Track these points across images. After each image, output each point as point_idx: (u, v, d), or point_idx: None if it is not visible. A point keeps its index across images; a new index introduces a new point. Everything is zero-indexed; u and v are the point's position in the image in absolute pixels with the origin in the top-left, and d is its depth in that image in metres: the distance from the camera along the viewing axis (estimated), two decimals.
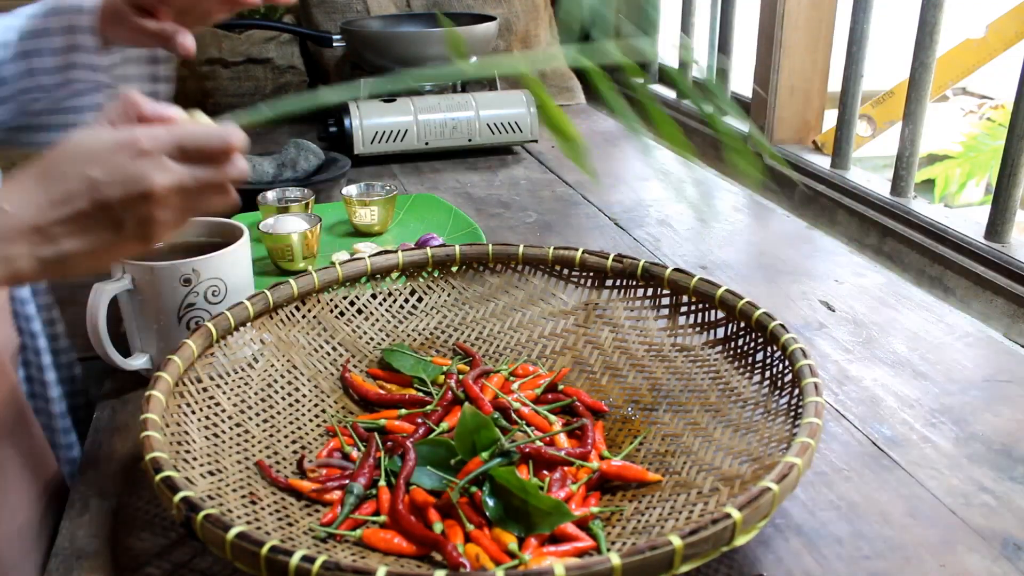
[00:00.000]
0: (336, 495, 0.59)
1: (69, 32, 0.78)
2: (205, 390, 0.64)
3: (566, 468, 0.61)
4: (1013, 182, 0.94)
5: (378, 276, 0.78)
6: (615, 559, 0.43)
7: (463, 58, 0.79)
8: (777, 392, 0.63)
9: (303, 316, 0.74)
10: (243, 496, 0.57)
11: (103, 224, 0.51)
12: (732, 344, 0.69)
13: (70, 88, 0.81)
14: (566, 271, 0.79)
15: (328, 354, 0.74)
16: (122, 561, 0.56)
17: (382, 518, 0.57)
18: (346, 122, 1.36)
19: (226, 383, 0.66)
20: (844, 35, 1.20)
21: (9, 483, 0.64)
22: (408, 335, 0.78)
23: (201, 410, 0.63)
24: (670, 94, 1.71)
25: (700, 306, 0.73)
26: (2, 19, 0.81)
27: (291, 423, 0.67)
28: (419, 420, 0.67)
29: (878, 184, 1.16)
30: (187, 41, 0.75)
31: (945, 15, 1.05)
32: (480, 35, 1.49)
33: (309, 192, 1.10)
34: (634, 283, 0.76)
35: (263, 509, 0.57)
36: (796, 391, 0.60)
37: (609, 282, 0.77)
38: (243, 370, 0.68)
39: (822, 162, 1.26)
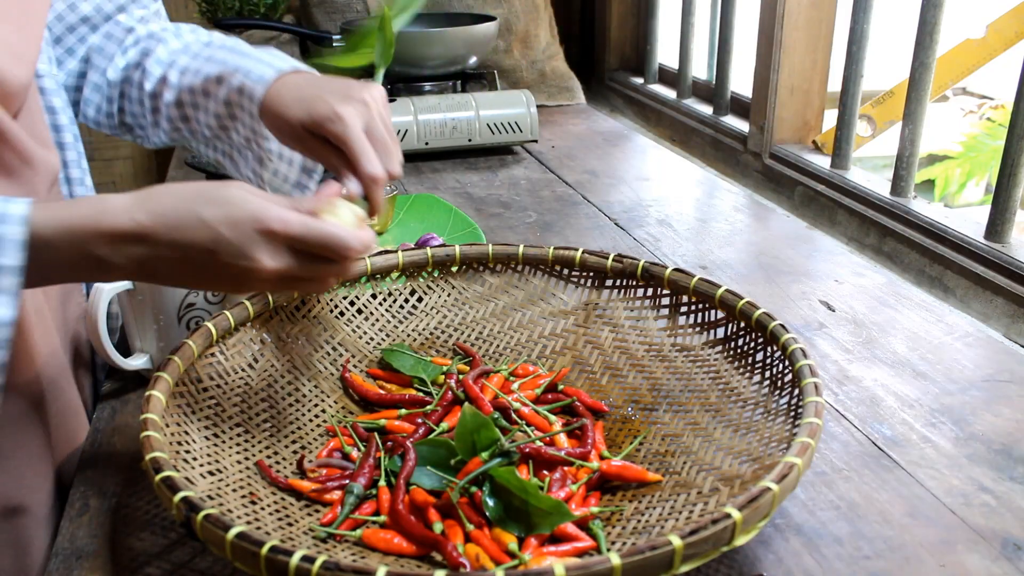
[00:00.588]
0: (336, 495, 0.59)
1: (236, 109, 0.77)
2: (205, 390, 0.64)
3: (566, 468, 0.61)
4: (1013, 182, 0.94)
5: (378, 276, 0.78)
6: (615, 559, 0.43)
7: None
8: (777, 392, 0.63)
9: (303, 316, 0.74)
10: (243, 496, 0.57)
11: (203, 269, 0.55)
12: (732, 344, 0.69)
13: (225, 140, 0.82)
14: (566, 271, 0.79)
15: (328, 354, 0.74)
16: (122, 561, 0.56)
17: (382, 518, 0.57)
18: None
19: (226, 383, 0.66)
20: (844, 35, 1.20)
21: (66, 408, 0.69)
22: (408, 335, 0.78)
23: (201, 410, 0.63)
24: (670, 94, 1.71)
25: (700, 306, 0.73)
26: (177, 42, 0.82)
27: (291, 423, 0.67)
28: (419, 420, 0.67)
29: (878, 184, 1.16)
30: (351, 186, 0.68)
31: (945, 15, 1.05)
32: (480, 35, 1.49)
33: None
34: (634, 283, 0.76)
35: (263, 509, 0.57)
36: (796, 391, 0.60)
37: (609, 282, 0.77)
38: (243, 370, 0.68)
39: (822, 162, 1.26)
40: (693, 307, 0.73)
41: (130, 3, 0.84)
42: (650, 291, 0.76)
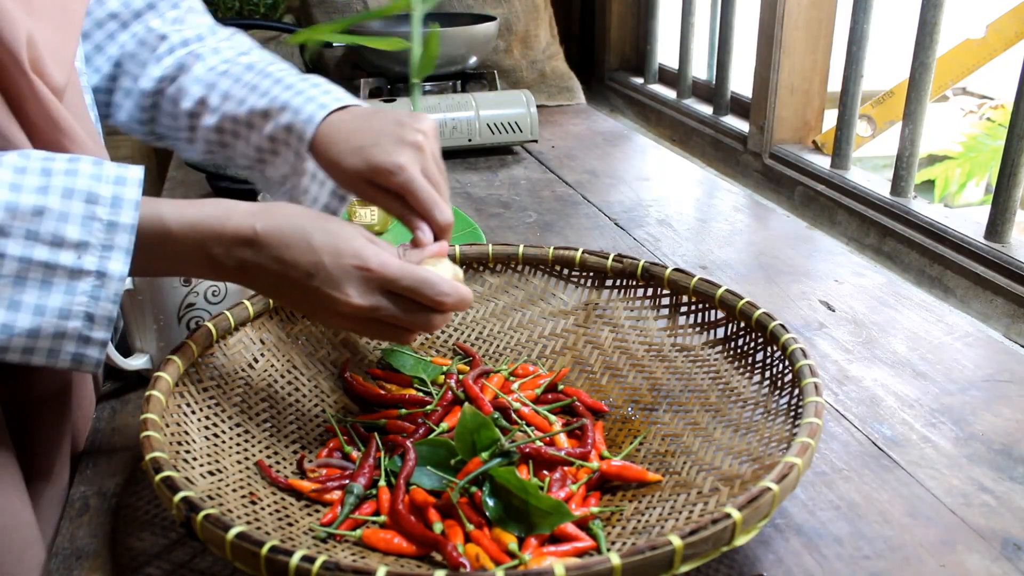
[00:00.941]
0: (336, 495, 0.59)
1: (281, 146, 0.75)
2: (205, 390, 0.64)
3: (566, 468, 0.61)
4: (1013, 182, 0.94)
5: None
6: (615, 559, 0.43)
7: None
8: (777, 392, 0.63)
9: (303, 316, 0.74)
10: (243, 496, 0.57)
11: (297, 288, 0.57)
12: (732, 344, 0.69)
13: (259, 170, 0.80)
14: (566, 271, 0.79)
15: (328, 354, 0.74)
16: (122, 561, 0.56)
17: (382, 518, 0.57)
18: None
19: (226, 383, 0.66)
20: (844, 35, 1.20)
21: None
22: None
23: (201, 410, 0.63)
24: (670, 94, 1.71)
25: (700, 306, 0.73)
26: (208, 60, 0.80)
27: (291, 423, 0.67)
28: (419, 420, 0.67)
29: (878, 184, 1.16)
30: (422, 235, 0.67)
31: (945, 15, 1.05)
32: (480, 35, 1.49)
33: None
34: (634, 283, 0.76)
35: (263, 509, 0.57)
36: (796, 391, 0.60)
37: (609, 282, 0.77)
38: (243, 370, 0.68)
39: (822, 162, 1.26)
40: (693, 307, 0.73)
41: (160, 0, 0.82)
42: (650, 291, 0.76)
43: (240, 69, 0.79)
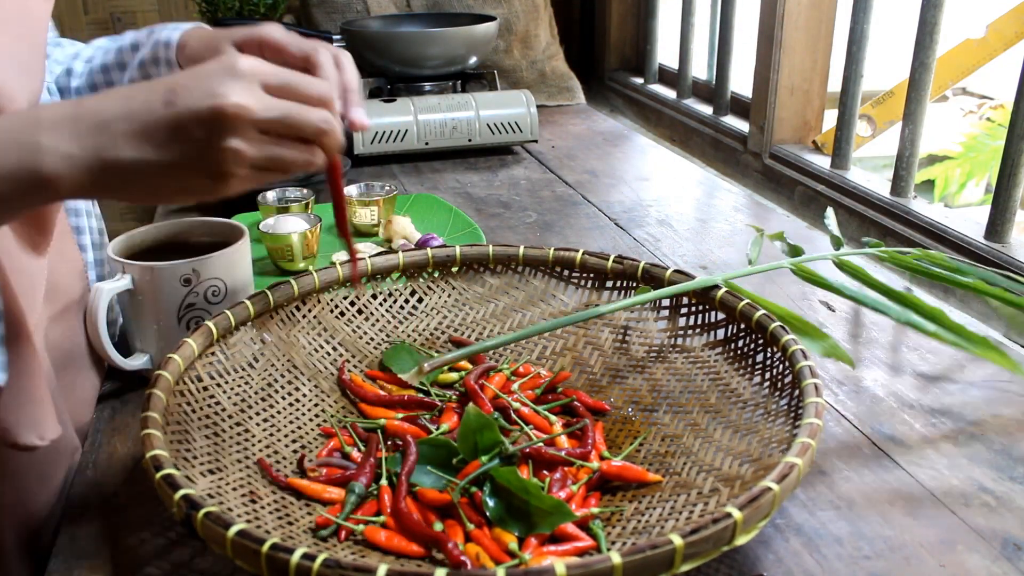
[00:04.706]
0: (336, 492, 0.59)
1: (151, 68, 0.78)
2: (206, 389, 0.64)
3: (566, 468, 0.61)
4: (1013, 182, 0.94)
5: (378, 276, 0.78)
6: (616, 558, 0.43)
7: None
8: (777, 393, 0.63)
9: (303, 316, 0.74)
10: (243, 495, 0.57)
11: (171, 136, 0.48)
12: (732, 345, 0.69)
13: None
14: (566, 272, 0.79)
15: (328, 354, 0.74)
16: (122, 561, 0.56)
17: (382, 518, 0.57)
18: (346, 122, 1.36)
19: (226, 382, 0.66)
20: (844, 35, 1.20)
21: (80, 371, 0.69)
22: (408, 336, 0.78)
23: (201, 409, 0.63)
24: (670, 94, 1.71)
25: (700, 307, 0.73)
26: (72, 48, 0.83)
27: (291, 423, 0.67)
28: (419, 421, 0.67)
29: (878, 184, 1.16)
30: None
31: (945, 15, 1.05)
32: (480, 35, 1.49)
33: (309, 192, 1.10)
34: (634, 284, 0.76)
35: (263, 508, 0.57)
36: (796, 392, 0.60)
37: (609, 283, 0.77)
38: (243, 369, 0.68)
39: (822, 162, 1.26)
40: (693, 308, 0.73)
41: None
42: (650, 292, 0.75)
43: (96, 43, 0.83)
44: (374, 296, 0.78)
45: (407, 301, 0.79)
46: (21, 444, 0.58)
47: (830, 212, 0.90)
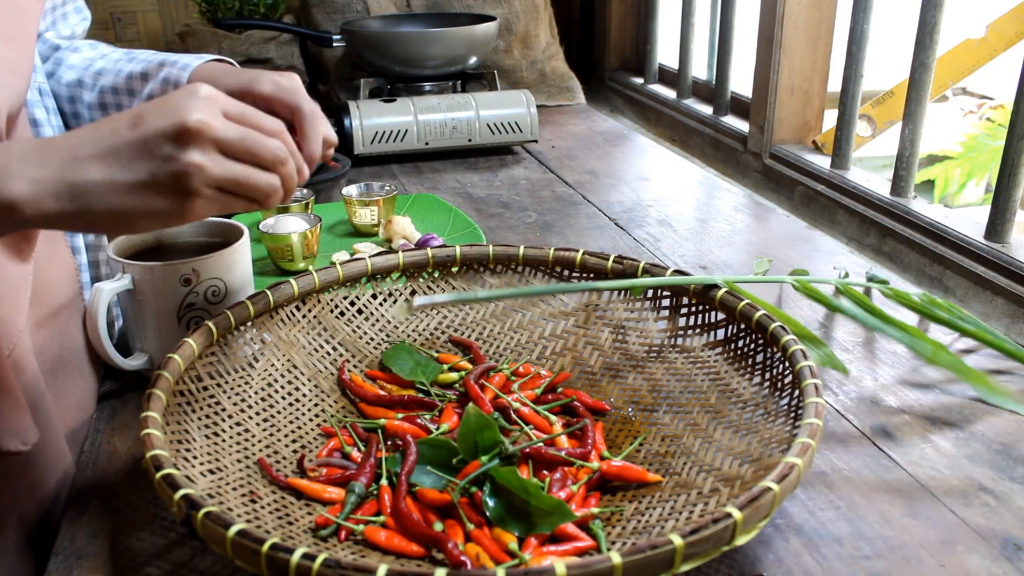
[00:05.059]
0: (336, 492, 0.59)
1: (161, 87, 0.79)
2: (205, 389, 0.64)
3: (566, 468, 0.61)
4: (1013, 182, 0.94)
5: (378, 276, 0.78)
6: (616, 558, 0.43)
7: None
8: (777, 393, 0.63)
9: (303, 316, 0.74)
10: (243, 495, 0.57)
11: (136, 154, 0.50)
12: (732, 345, 0.69)
13: None
14: (566, 272, 0.79)
15: (328, 354, 0.74)
16: (122, 561, 0.56)
17: (382, 518, 0.57)
18: (346, 122, 1.36)
19: (226, 382, 0.66)
20: (844, 35, 1.20)
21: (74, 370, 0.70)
22: (408, 336, 0.78)
23: (201, 408, 0.63)
24: (670, 94, 1.71)
25: (700, 307, 0.73)
26: (90, 52, 0.83)
27: (291, 423, 0.67)
28: (419, 421, 0.67)
29: (878, 184, 1.16)
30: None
31: (945, 15, 1.05)
32: (480, 35, 1.49)
33: (309, 192, 1.10)
34: None
35: (263, 508, 0.57)
36: (796, 392, 0.60)
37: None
38: (243, 369, 0.68)
39: (822, 162, 1.26)
40: (693, 308, 0.73)
41: (60, 20, 0.84)
42: (650, 292, 0.76)
43: (119, 54, 0.84)
44: (374, 296, 0.78)
45: (407, 301, 0.79)
46: (3, 450, 0.59)
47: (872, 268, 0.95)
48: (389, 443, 0.65)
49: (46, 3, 0.80)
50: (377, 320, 0.78)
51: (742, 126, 1.45)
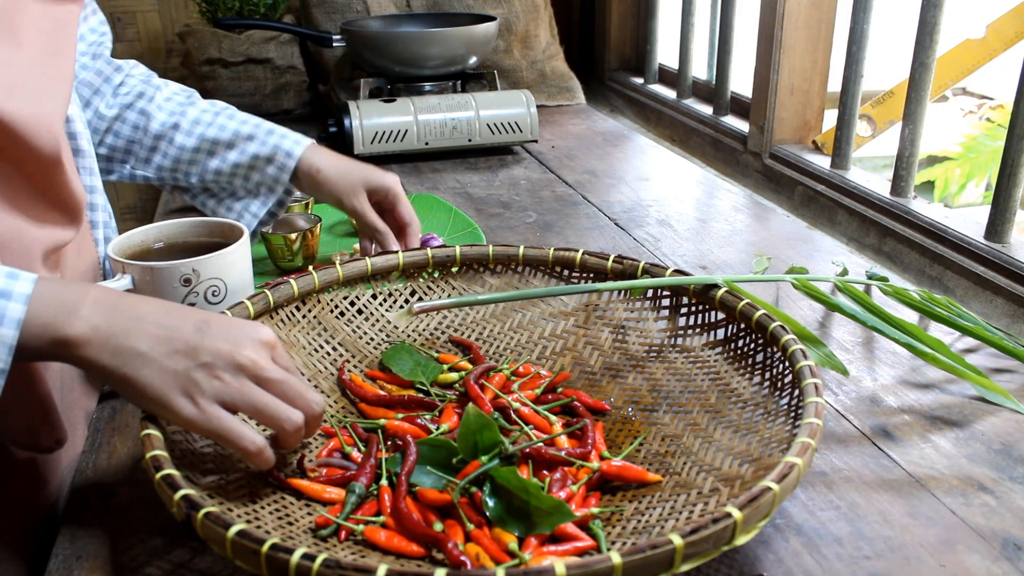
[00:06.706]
0: (336, 492, 0.59)
1: (262, 163, 0.92)
2: None
3: (566, 468, 0.61)
4: (1013, 182, 0.94)
5: (378, 277, 0.78)
6: (616, 557, 0.43)
7: None
8: (777, 393, 0.63)
9: (303, 316, 0.74)
10: (243, 495, 0.57)
11: (185, 353, 0.54)
12: (732, 345, 0.69)
13: (226, 184, 0.95)
14: (566, 272, 0.79)
15: (328, 354, 0.74)
16: (122, 561, 0.56)
17: (382, 518, 0.57)
18: (346, 122, 1.36)
19: None
20: (844, 35, 1.20)
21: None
22: (408, 336, 0.78)
23: None
24: (670, 94, 1.71)
25: (700, 307, 0.73)
26: (170, 92, 0.95)
27: None
28: (419, 421, 0.67)
29: (878, 184, 1.16)
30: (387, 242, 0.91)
31: (945, 15, 1.05)
32: (480, 35, 1.49)
33: None
34: None
35: (263, 508, 0.57)
36: (796, 392, 0.60)
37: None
38: None
39: (822, 162, 1.26)
40: (693, 308, 0.73)
41: (81, 22, 0.88)
42: (650, 292, 0.76)
43: (207, 104, 0.95)
44: (374, 296, 0.78)
45: (407, 301, 0.79)
46: (41, 448, 0.63)
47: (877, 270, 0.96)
48: (389, 443, 0.65)
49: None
50: (377, 320, 0.78)
51: (742, 126, 1.45)
